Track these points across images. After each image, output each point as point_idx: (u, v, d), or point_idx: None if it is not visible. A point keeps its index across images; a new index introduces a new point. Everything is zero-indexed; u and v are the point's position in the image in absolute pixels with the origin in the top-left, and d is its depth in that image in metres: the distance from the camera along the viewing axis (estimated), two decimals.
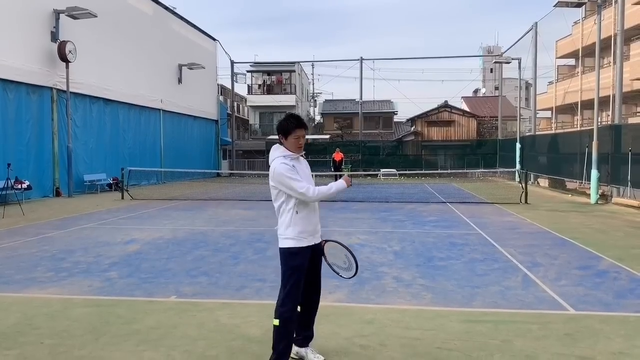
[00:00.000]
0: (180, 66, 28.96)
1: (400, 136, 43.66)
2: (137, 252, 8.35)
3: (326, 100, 52.96)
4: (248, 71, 44.71)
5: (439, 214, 13.47)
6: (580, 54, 30.21)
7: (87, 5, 18.23)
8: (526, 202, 15.84)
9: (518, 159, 27.45)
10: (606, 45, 22.10)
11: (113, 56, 22.05)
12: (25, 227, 11.04)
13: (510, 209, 14.45)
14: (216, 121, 35.51)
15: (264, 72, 46.08)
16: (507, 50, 36.60)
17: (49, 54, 18.12)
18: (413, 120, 42.07)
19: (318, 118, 52.92)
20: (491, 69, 61.73)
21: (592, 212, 13.76)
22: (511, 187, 21.27)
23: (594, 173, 16.12)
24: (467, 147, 37.29)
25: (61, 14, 18.24)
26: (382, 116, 47.62)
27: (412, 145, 39.14)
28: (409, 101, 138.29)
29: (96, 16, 18.71)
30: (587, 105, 28.94)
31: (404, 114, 65.28)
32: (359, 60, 35.28)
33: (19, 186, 15.21)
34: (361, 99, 35.81)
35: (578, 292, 5.89)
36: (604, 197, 16.59)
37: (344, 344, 4.28)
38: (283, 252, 3.77)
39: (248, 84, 45.91)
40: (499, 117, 36.11)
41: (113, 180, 21.13)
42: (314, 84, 53.73)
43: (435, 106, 42.30)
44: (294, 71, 45.07)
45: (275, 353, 3.72)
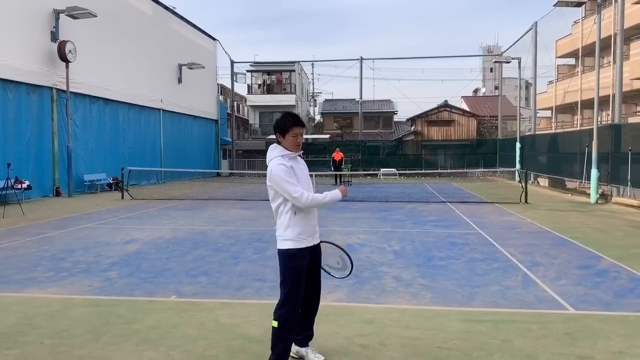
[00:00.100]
0: (180, 66, 28.96)
1: (400, 136, 43.66)
2: (137, 251, 8.35)
3: (326, 99, 52.96)
4: (248, 71, 44.70)
5: (438, 213, 13.47)
6: (580, 54, 30.24)
7: (87, 5, 18.22)
8: (526, 201, 15.85)
9: (518, 158, 27.44)
10: (606, 44, 22.11)
11: (113, 56, 22.06)
12: (25, 227, 11.05)
13: (510, 208, 14.45)
14: (216, 121, 35.51)
15: (263, 71, 46.06)
16: (507, 50, 36.61)
17: (49, 54, 18.12)
18: (413, 120, 42.06)
19: (318, 118, 52.94)
20: (491, 69, 61.75)
21: (592, 212, 13.76)
22: (511, 187, 21.27)
23: (593, 172, 16.12)
24: (467, 146, 37.25)
25: (61, 14, 18.25)
26: (382, 116, 47.62)
27: (412, 144, 39.11)
28: (409, 101, 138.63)
29: (96, 16, 18.72)
30: (587, 104, 28.95)
31: (403, 113, 65.46)
32: (358, 59, 35.27)
33: (19, 186, 15.22)
34: (361, 98, 35.80)
35: (578, 291, 5.89)
36: (604, 197, 16.59)
37: (344, 344, 4.28)
38: (282, 254, 3.71)
39: (248, 84, 45.89)
40: (499, 117, 36.11)
41: (113, 180, 21.13)
42: (313, 83, 53.76)
43: (435, 106, 42.27)
44: (293, 71, 45.05)
45: (274, 354, 3.69)
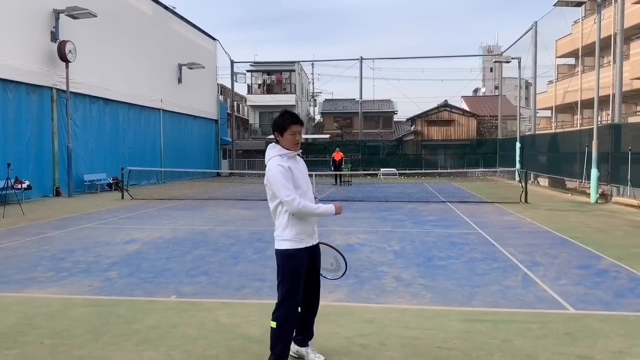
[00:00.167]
0: (180, 66, 28.97)
1: (400, 136, 43.68)
2: (137, 251, 8.35)
3: (326, 99, 52.97)
4: (248, 71, 44.71)
5: (438, 213, 13.47)
6: (580, 53, 30.24)
7: (87, 5, 18.23)
8: (526, 201, 15.85)
9: (518, 158, 27.45)
10: (606, 44, 22.11)
11: (113, 56, 22.06)
12: (25, 227, 11.05)
13: (510, 208, 14.45)
14: (216, 121, 35.51)
15: (263, 71, 46.06)
16: (507, 50, 36.61)
17: (49, 54, 18.12)
18: (413, 120, 42.06)
19: (318, 117, 52.94)
20: (491, 68, 61.73)
21: (592, 212, 13.76)
22: (511, 187, 21.27)
23: (593, 172, 16.12)
24: (467, 146, 37.27)
25: (61, 14, 18.25)
26: (382, 116, 47.63)
27: (412, 144, 39.13)
28: (409, 100, 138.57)
29: (96, 16, 18.72)
30: (587, 104, 28.96)
31: (403, 113, 65.55)
32: (358, 59, 35.27)
33: (19, 186, 15.22)
34: (361, 98, 35.81)
35: (578, 291, 5.89)
36: (604, 197, 16.59)
37: (344, 344, 4.28)
38: (280, 254, 3.67)
39: (248, 84, 45.89)
40: (498, 117, 36.10)
41: (113, 180, 21.14)
42: (313, 83, 53.77)
43: (435, 105, 42.28)
44: (293, 71, 45.05)
45: (273, 354, 3.67)
